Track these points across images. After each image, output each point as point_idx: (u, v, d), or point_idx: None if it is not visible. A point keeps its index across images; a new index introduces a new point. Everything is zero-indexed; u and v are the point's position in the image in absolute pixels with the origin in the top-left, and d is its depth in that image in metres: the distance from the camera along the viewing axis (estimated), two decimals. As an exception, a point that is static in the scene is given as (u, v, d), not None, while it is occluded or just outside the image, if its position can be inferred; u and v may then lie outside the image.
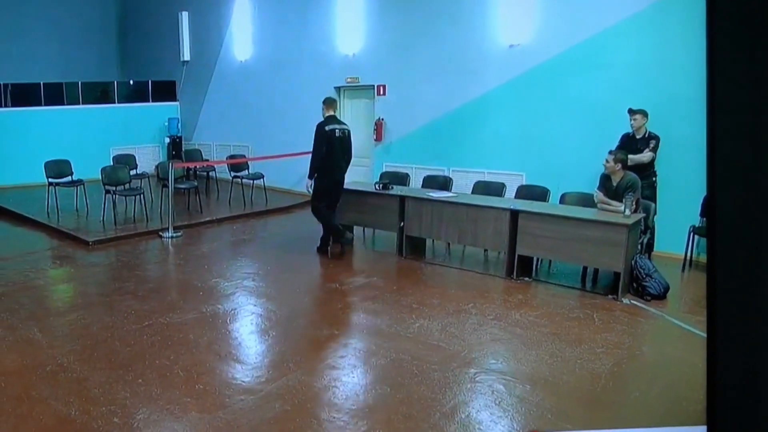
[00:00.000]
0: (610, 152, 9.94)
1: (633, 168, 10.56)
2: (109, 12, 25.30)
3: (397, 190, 11.87)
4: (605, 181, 10.00)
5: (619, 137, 11.12)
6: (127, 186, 14.89)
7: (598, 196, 9.96)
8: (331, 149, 11.51)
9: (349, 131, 11.85)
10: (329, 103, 11.85)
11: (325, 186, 11.72)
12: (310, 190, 11.92)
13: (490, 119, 13.90)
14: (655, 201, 10.74)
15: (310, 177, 11.71)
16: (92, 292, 9.84)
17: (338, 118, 12.16)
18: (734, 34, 1.86)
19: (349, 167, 11.95)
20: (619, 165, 9.79)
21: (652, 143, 10.82)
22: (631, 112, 10.96)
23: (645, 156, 10.76)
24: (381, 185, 11.92)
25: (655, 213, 10.56)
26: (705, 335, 2.03)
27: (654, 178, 10.92)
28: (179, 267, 11.32)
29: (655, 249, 10.88)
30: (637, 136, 10.95)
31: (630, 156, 10.66)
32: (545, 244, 9.86)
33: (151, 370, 6.70)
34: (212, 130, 21.80)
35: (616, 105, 11.57)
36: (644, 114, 10.90)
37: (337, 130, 11.54)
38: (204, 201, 16.40)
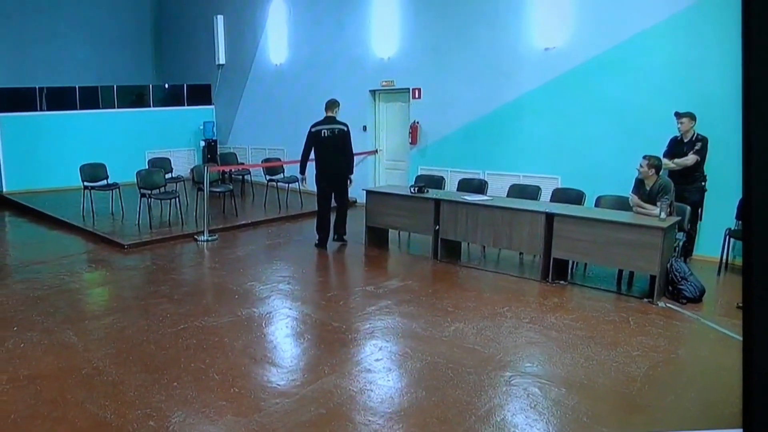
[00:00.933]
0: (644, 157, 9.89)
1: (680, 172, 10.53)
2: (144, 15, 25.47)
3: (432, 193, 11.86)
4: (639, 185, 9.96)
5: (667, 141, 11.06)
6: (162, 189, 15.03)
7: (634, 199, 9.92)
8: (318, 148, 12.46)
9: (340, 130, 12.56)
10: (327, 105, 12.77)
11: (319, 180, 12.56)
12: (303, 184, 13.78)
13: (525, 122, 13.87)
14: (702, 206, 10.69)
15: (301, 172, 13.01)
16: (127, 295, 9.91)
17: (335, 119, 12.71)
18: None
19: (386, 170, 12.20)
20: (653, 170, 9.74)
21: (698, 145, 10.73)
22: (678, 115, 10.88)
23: (689, 159, 10.69)
24: (416, 188, 11.92)
25: (700, 218, 10.53)
26: (741, 338, 2.03)
27: (703, 183, 10.84)
28: (214, 270, 11.36)
29: (693, 252, 10.84)
30: (685, 140, 10.87)
31: (676, 160, 10.63)
32: (580, 247, 9.83)
33: (187, 373, 6.74)
34: (247, 134, 21.87)
35: (651, 108, 11.55)
36: (691, 117, 10.80)
37: (324, 131, 12.46)
38: (239, 204, 16.48)
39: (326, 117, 12.51)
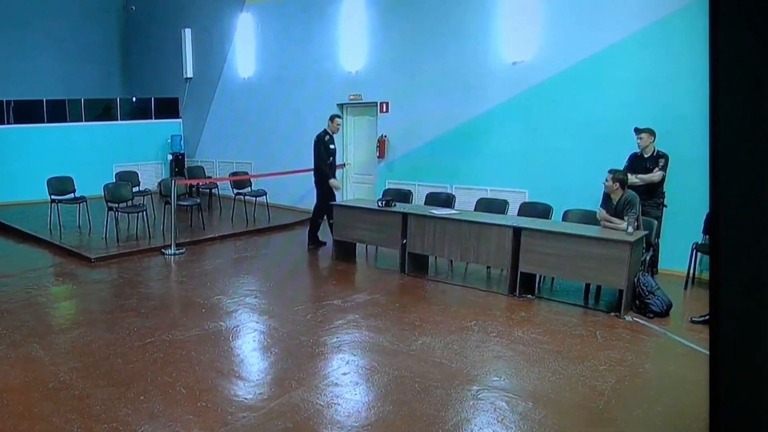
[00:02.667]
0: (610, 171, 9.96)
1: (644, 187, 10.59)
2: (112, 29, 25.37)
3: (399, 207, 11.89)
4: (607, 199, 10.02)
5: (627, 156, 11.13)
6: (129, 203, 14.99)
7: (601, 213, 9.98)
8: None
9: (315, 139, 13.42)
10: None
11: None
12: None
13: (493, 136, 13.92)
14: (660, 221, 10.75)
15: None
16: (94, 309, 9.85)
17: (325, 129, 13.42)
18: (738, 51, 1.86)
19: (353, 184, 12.45)
20: (617, 184, 9.80)
21: (662, 162, 10.80)
22: (637, 131, 10.95)
23: (655, 175, 10.76)
24: (384, 202, 11.93)
25: (658, 234, 10.58)
26: (708, 352, 2.03)
27: (662, 199, 10.92)
28: (181, 284, 11.32)
29: (658, 267, 10.89)
30: (645, 155, 10.93)
31: (640, 176, 10.70)
32: (548, 262, 9.87)
33: (154, 387, 6.70)
34: (215, 147, 21.84)
35: (619, 122, 11.62)
36: (651, 132, 10.88)
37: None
38: (206, 218, 16.48)
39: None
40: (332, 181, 13.25)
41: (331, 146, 13.15)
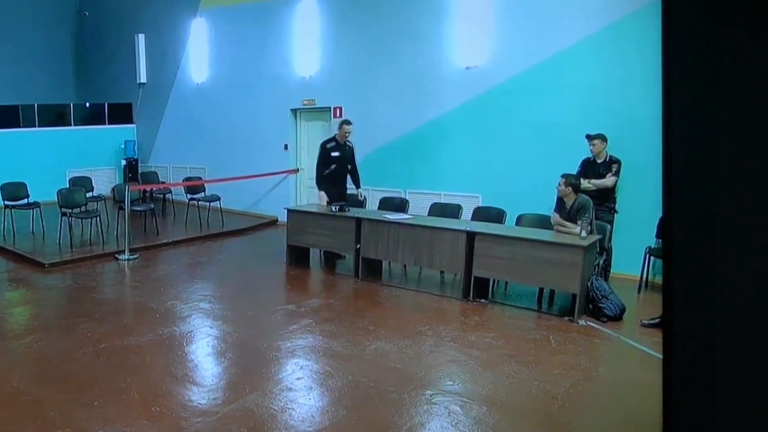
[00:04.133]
0: (562, 176, 9.99)
1: (596, 192, 10.64)
2: (65, 35, 25.11)
3: (353, 212, 11.84)
4: (560, 204, 10.05)
5: (580, 162, 11.19)
6: (83, 208, 14.84)
7: (555, 218, 10.01)
8: None
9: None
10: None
11: None
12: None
13: (447, 141, 13.94)
14: (612, 225, 10.81)
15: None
16: (49, 314, 9.74)
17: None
18: (691, 55, 1.86)
19: (307, 189, 12.25)
20: (570, 188, 9.83)
21: (615, 167, 10.89)
22: (589, 137, 11.02)
23: (609, 180, 10.85)
24: (338, 207, 11.90)
25: (610, 238, 10.63)
26: (661, 356, 2.03)
27: (614, 204, 11.00)
28: (135, 289, 11.23)
29: (611, 271, 10.95)
30: (598, 161, 11.01)
31: (593, 181, 10.76)
32: (501, 266, 9.88)
33: (108, 392, 6.64)
34: (169, 153, 21.70)
35: (572, 127, 11.68)
36: (603, 138, 10.96)
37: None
38: (160, 223, 16.36)
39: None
40: (320, 193, 12.91)
41: (333, 154, 12.78)
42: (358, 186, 13.15)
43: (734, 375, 1.91)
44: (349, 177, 13.17)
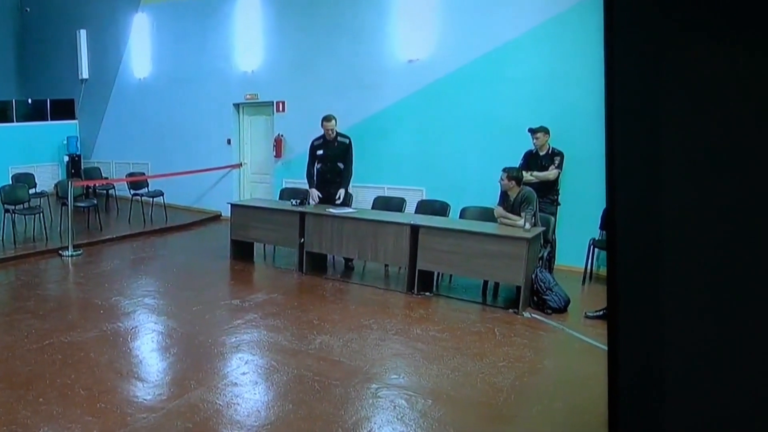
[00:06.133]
0: (504, 170, 10.00)
1: (540, 185, 10.68)
2: (6, 30, 24.76)
3: (295, 206, 11.78)
4: (504, 197, 10.09)
5: (522, 155, 11.22)
6: (26, 205, 14.65)
7: (498, 210, 10.04)
8: None
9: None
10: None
11: None
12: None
13: (390, 134, 13.94)
14: (555, 217, 10.86)
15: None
16: (-9, 311, 9.63)
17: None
18: (633, 47, 1.87)
19: (250, 183, 12.00)
20: (513, 182, 9.86)
21: (557, 160, 10.93)
22: (532, 131, 11.06)
23: (551, 173, 10.90)
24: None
25: (553, 229, 10.68)
26: (605, 347, 2.04)
27: (556, 196, 11.06)
28: (79, 285, 11.13)
29: (556, 263, 11.00)
30: (541, 153, 11.06)
31: (535, 173, 10.81)
32: (445, 259, 9.91)
33: (52, 389, 6.56)
34: (111, 148, 21.49)
35: (515, 119, 11.71)
36: (546, 131, 11.00)
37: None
38: (104, 219, 16.18)
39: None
40: (311, 191, 12.44)
41: (319, 152, 12.34)
42: (340, 186, 12.26)
43: (678, 365, 1.93)
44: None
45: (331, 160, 12.19)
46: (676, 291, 1.88)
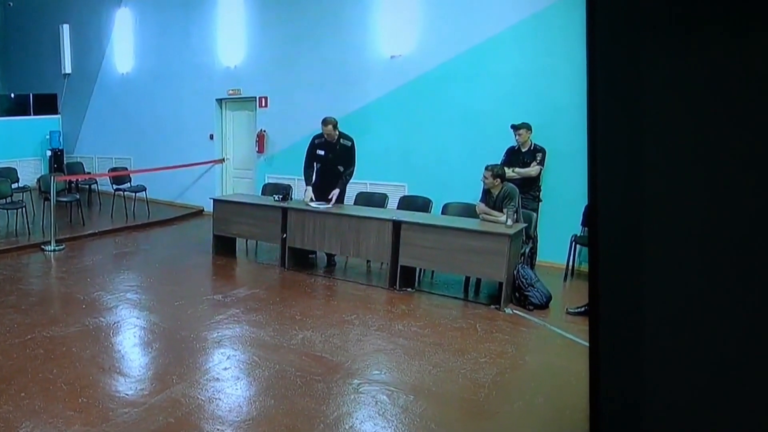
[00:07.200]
0: (487, 168, 10.00)
1: (522, 181, 10.70)
2: (-12, 25, 24.77)
3: (277, 201, 11.76)
4: (486, 194, 10.09)
5: (504, 151, 11.24)
6: (8, 199, 14.70)
7: (480, 207, 10.04)
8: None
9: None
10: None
11: None
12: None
13: (372, 130, 13.92)
14: (537, 213, 10.88)
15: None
16: (-28, 306, 9.59)
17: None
18: (615, 43, 1.88)
19: (233, 179, 11.90)
20: (498, 180, 9.87)
21: (539, 156, 10.96)
22: (515, 127, 11.08)
23: (533, 169, 10.92)
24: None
25: (535, 225, 10.71)
26: (587, 343, 2.05)
27: (538, 192, 11.08)
28: (62, 280, 11.08)
29: (538, 259, 11.03)
30: (523, 149, 11.08)
31: (517, 170, 10.83)
32: (427, 255, 9.91)
33: (34, 383, 6.54)
34: (94, 143, 21.45)
35: (498, 115, 11.72)
36: (528, 128, 11.02)
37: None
38: (86, 214, 16.15)
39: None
40: (306, 188, 12.01)
41: (319, 152, 11.97)
42: (335, 186, 11.77)
43: (659, 361, 1.94)
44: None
45: (331, 162, 11.89)
46: (657, 287, 1.89)
